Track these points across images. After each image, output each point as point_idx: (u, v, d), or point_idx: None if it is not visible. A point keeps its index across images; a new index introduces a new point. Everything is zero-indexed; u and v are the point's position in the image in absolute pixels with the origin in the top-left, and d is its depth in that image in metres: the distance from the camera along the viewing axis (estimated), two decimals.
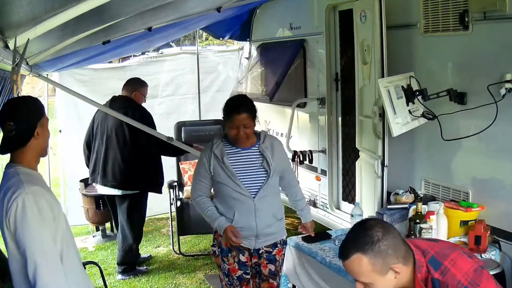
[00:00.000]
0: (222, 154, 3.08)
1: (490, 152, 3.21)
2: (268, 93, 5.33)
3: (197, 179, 3.17)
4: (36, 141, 2.10)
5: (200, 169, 3.16)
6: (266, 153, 3.10)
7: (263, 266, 3.20)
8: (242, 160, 3.11)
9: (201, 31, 8.20)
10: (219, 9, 4.50)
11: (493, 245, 3.07)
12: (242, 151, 3.12)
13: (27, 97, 2.25)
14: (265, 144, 3.14)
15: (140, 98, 4.80)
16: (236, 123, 3.00)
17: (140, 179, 4.70)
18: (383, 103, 3.35)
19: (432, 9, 3.41)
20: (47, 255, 1.98)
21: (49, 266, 1.97)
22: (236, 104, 3.05)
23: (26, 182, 2.03)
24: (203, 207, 3.15)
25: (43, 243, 1.98)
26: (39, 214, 1.99)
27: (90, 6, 2.06)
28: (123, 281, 4.78)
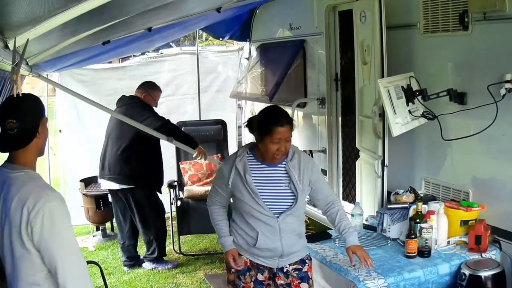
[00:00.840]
0: (245, 169, 2.78)
1: (490, 152, 3.21)
2: (268, 93, 5.32)
3: (216, 187, 2.93)
4: (37, 140, 2.05)
5: (219, 180, 2.90)
6: (292, 172, 2.78)
7: (295, 286, 2.84)
8: (266, 178, 2.81)
9: (201, 31, 8.20)
10: (219, 10, 4.50)
11: (494, 244, 3.08)
12: (267, 168, 2.81)
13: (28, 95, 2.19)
14: (293, 162, 2.81)
15: (149, 100, 4.85)
16: (278, 137, 2.67)
17: (137, 175, 4.75)
18: (383, 103, 3.35)
19: (432, 9, 3.41)
20: (79, 259, 1.99)
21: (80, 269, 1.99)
22: (277, 116, 2.72)
23: (46, 188, 1.99)
24: (215, 218, 2.93)
25: (75, 251, 1.98)
26: (66, 220, 1.97)
27: (90, 6, 2.06)
28: (124, 281, 4.78)
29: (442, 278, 2.91)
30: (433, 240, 3.04)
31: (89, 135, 6.15)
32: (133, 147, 4.72)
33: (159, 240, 5.01)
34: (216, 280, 4.66)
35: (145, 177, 4.80)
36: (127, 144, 4.73)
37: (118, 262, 5.23)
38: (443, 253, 3.06)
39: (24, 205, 1.92)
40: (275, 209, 2.78)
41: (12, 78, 2.46)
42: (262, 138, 2.72)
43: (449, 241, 3.15)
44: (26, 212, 1.91)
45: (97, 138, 6.14)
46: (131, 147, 4.72)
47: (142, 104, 4.79)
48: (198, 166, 5.68)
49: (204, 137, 5.84)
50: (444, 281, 2.92)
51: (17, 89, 2.57)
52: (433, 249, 3.04)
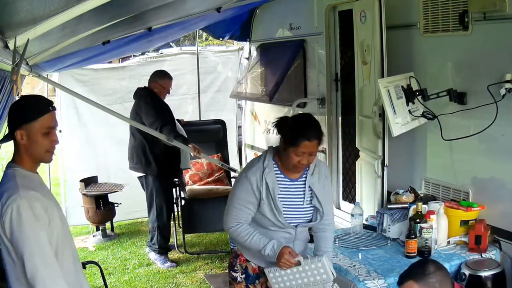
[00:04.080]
0: (274, 186, 2.62)
1: (490, 152, 3.21)
2: (268, 93, 5.32)
3: (241, 205, 2.65)
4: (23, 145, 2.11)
5: (245, 194, 2.65)
6: (315, 188, 2.69)
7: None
8: (290, 195, 2.69)
9: (201, 31, 8.21)
10: (219, 9, 4.50)
11: (494, 244, 3.07)
12: (290, 183, 2.69)
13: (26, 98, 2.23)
14: (314, 177, 2.70)
15: (158, 89, 4.97)
16: (302, 150, 2.55)
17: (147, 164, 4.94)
18: (383, 103, 3.35)
19: (432, 9, 3.41)
20: (45, 257, 2.00)
21: (49, 268, 2.00)
22: (307, 128, 2.57)
23: (22, 186, 2.04)
24: (246, 234, 2.65)
25: (40, 246, 2.00)
26: (34, 217, 2.01)
27: (90, 6, 2.06)
28: (124, 281, 4.78)
29: None
30: (433, 240, 3.04)
31: (89, 135, 6.15)
32: (145, 138, 4.91)
33: (161, 230, 5.08)
34: (216, 280, 4.66)
35: (156, 166, 4.94)
36: (140, 136, 4.93)
37: (118, 262, 5.23)
38: (443, 253, 3.06)
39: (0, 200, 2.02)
40: (294, 222, 2.71)
41: (12, 78, 2.45)
42: (287, 147, 2.59)
43: (449, 241, 3.15)
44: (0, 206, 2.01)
45: (97, 138, 6.18)
46: (143, 138, 4.92)
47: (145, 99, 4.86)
48: (199, 166, 5.70)
49: (204, 137, 5.85)
50: None
51: (17, 89, 2.58)
52: (433, 249, 3.04)
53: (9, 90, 3.02)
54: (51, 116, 2.13)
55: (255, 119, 6.22)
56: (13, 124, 2.11)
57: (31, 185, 2.09)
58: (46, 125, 2.11)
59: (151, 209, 5.08)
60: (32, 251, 1.98)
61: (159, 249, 5.11)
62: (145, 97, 4.89)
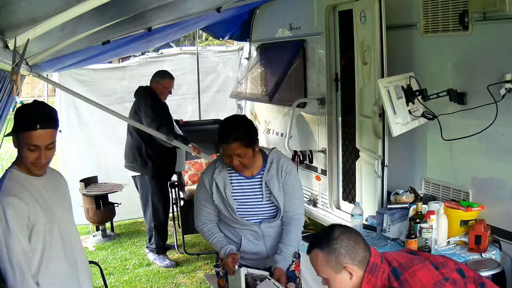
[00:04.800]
0: (225, 184, 2.72)
1: (490, 152, 3.21)
2: (268, 93, 5.33)
3: (201, 205, 2.81)
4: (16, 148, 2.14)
5: (202, 194, 2.80)
6: (271, 184, 2.71)
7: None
8: (245, 192, 2.75)
9: (201, 31, 8.21)
10: (219, 9, 4.50)
11: (494, 244, 3.08)
12: (246, 181, 2.76)
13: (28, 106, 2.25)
14: (270, 173, 2.73)
15: (159, 89, 4.94)
16: (226, 152, 2.65)
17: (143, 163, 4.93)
18: (383, 103, 3.35)
19: (432, 9, 3.41)
20: (13, 264, 2.03)
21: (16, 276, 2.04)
22: (225, 131, 2.65)
23: (4, 189, 2.08)
24: (208, 235, 2.80)
25: (9, 253, 2.03)
26: (6, 224, 2.03)
27: (90, 6, 2.06)
28: (124, 281, 4.78)
29: None
30: (433, 240, 3.04)
31: (89, 135, 6.15)
32: (141, 138, 4.89)
33: (158, 230, 5.08)
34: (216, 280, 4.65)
35: (152, 166, 4.92)
36: (136, 135, 4.92)
37: (118, 262, 5.23)
38: (443, 253, 3.06)
39: None
40: (256, 219, 2.76)
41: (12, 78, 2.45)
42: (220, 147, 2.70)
43: (449, 241, 3.15)
44: None
45: (97, 138, 6.18)
46: (139, 138, 4.91)
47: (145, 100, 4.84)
48: (198, 166, 5.70)
49: (204, 137, 5.84)
50: None
51: (17, 89, 2.57)
52: (433, 249, 3.04)
53: (9, 90, 3.02)
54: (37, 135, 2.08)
55: (255, 119, 6.22)
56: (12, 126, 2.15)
57: (15, 190, 2.10)
58: (28, 141, 2.09)
59: (147, 210, 5.08)
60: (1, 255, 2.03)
61: (157, 249, 5.11)
62: (145, 97, 4.88)
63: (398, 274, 1.85)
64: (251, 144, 2.64)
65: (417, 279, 1.80)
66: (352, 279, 1.88)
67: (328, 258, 1.89)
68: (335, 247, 1.89)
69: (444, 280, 1.80)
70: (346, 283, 1.89)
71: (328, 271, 1.90)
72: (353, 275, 1.88)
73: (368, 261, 1.89)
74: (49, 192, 2.23)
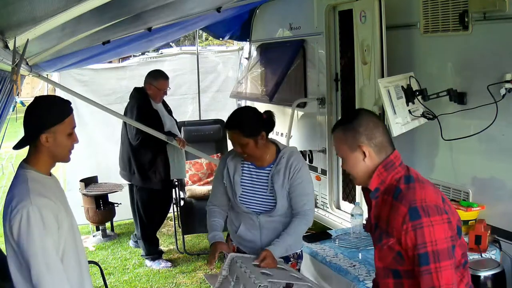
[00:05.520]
0: (236, 169, 2.86)
1: (490, 152, 3.21)
2: (268, 93, 5.33)
3: (215, 186, 3.00)
4: (46, 147, 2.10)
5: (217, 175, 2.98)
6: (276, 178, 2.78)
7: None
8: (252, 180, 2.86)
9: (201, 31, 8.21)
10: (219, 9, 4.50)
11: (494, 244, 3.07)
12: (255, 170, 2.86)
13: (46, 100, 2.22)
14: (278, 167, 2.79)
15: (152, 91, 4.76)
16: (229, 137, 2.80)
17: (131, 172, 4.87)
18: (383, 103, 3.35)
19: (432, 9, 3.41)
20: (50, 268, 2.01)
21: (53, 275, 2.01)
22: (229, 118, 2.80)
23: (33, 192, 2.04)
24: (208, 216, 2.96)
25: (46, 255, 2.01)
26: (43, 227, 2.01)
27: (90, 6, 2.06)
28: (124, 281, 4.78)
29: None
30: None
31: (89, 135, 6.14)
32: (130, 146, 4.81)
33: (146, 240, 5.06)
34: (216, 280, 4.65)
35: (139, 177, 4.84)
36: (127, 144, 4.85)
37: (118, 262, 5.23)
38: None
39: (10, 203, 2.03)
40: (256, 209, 2.85)
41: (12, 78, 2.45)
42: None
43: None
44: (9, 209, 2.02)
45: (97, 138, 6.18)
46: (129, 146, 4.83)
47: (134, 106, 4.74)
48: (198, 166, 5.69)
49: (204, 137, 5.85)
50: None
51: (17, 89, 2.57)
52: None
53: (9, 90, 3.02)
54: (73, 118, 2.17)
55: None
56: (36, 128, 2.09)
57: (43, 191, 2.09)
58: (71, 125, 2.14)
59: (136, 220, 5.06)
60: (37, 258, 1.99)
61: (150, 256, 5.10)
62: (134, 103, 4.74)
63: (411, 180, 1.88)
64: (251, 135, 2.71)
65: (422, 192, 1.82)
66: (366, 161, 1.91)
67: (346, 135, 1.93)
68: (354, 125, 1.92)
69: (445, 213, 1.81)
70: (359, 163, 1.92)
71: (345, 149, 1.94)
72: (367, 155, 1.90)
73: (387, 156, 1.92)
74: (59, 192, 2.25)
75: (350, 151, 1.92)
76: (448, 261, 1.76)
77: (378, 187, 1.91)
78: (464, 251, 1.90)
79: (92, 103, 4.98)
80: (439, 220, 1.77)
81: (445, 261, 1.75)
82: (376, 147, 1.91)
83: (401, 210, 1.80)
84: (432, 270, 1.75)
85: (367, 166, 1.91)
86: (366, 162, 1.91)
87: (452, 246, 1.79)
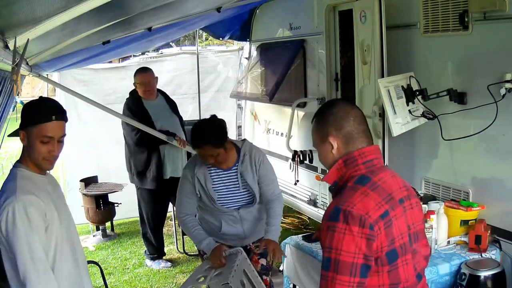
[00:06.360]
0: (206, 178, 3.03)
1: (490, 152, 3.21)
2: (268, 93, 5.32)
3: (185, 196, 3.11)
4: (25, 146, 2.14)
5: (186, 187, 3.10)
6: (245, 175, 3.05)
7: (255, 261, 3.17)
8: (224, 182, 3.08)
9: (201, 31, 8.20)
10: (219, 9, 4.50)
11: (494, 244, 3.07)
12: (223, 172, 3.08)
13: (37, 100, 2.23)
14: (244, 164, 3.06)
15: (138, 88, 4.78)
16: (200, 154, 2.97)
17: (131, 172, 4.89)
18: (383, 103, 3.35)
19: (432, 9, 3.41)
20: (36, 262, 2.02)
21: (39, 274, 2.02)
22: (195, 137, 2.95)
23: (20, 189, 2.06)
24: (190, 226, 3.09)
25: (32, 251, 2.02)
26: (28, 223, 2.03)
27: (90, 6, 2.06)
28: (124, 281, 4.78)
29: (442, 278, 2.91)
30: (433, 240, 3.04)
31: (89, 135, 6.15)
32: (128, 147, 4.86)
33: (147, 239, 5.06)
34: None
35: (136, 177, 4.86)
36: (126, 145, 4.89)
37: (118, 262, 5.24)
38: (443, 253, 3.06)
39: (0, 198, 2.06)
40: (235, 205, 3.09)
41: (12, 78, 2.45)
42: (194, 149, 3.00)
43: (449, 241, 3.15)
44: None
45: (97, 138, 6.18)
46: (127, 148, 4.88)
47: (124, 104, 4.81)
48: None
49: None
50: (444, 280, 2.92)
51: (17, 89, 2.58)
52: (433, 249, 3.04)
53: (9, 90, 3.02)
54: (51, 126, 2.11)
55: (255, 119, 6.23)
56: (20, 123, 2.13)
57: (31, 189, 2.10)
58: (43, 133, 2.10)
59: (140, 216, 5.10)
60: (23, 254, 2.01)
61: (151, 255, 5.10)
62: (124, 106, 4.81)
63: (361, 182, 1.74)
64: (220, 144, 2.93)
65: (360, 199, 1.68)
66: (333, 152, 1.82)
67: (317, 125, 1.88)
68: (324, 115, 1.86)
69: (370, 229, 1.64)
70: (328, 155, 1.84)
71: (317, 140, 1.88)
72: (334, 147, 1.81)
73: (353, 150, 1.80)
74: (53, 190, 2.25)
75: (321, 142, 1.85)
76: (347, 277, 1.61)
77: (337, 181, 1.82)
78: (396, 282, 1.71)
79: (92, 103, 4.98)
80: (356, 232, 1.62)
81: (344, 276, 1.62)
82: (344, 138, 1.81)
83: (329, 207, 1.72)
84: (328, 278, 1.65)
85: (335, 158, 1.82)
86: (334, 154, 1.82)
87: (363, 264, 1.62)
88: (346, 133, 1.81)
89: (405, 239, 1.74)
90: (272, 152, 5.57)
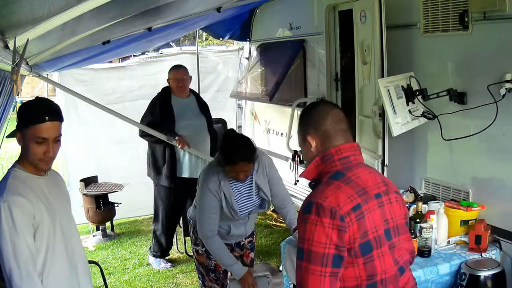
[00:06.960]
0: (230, 194, 3.07)
1: (490, 152, 3.21)
2: (268, 93, 5.33)
3: (211, 213, 3.08)
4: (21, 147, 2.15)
5: (211, 203, 3.07)
6: (261, 185, 3.15)
7: (246, 256, 3.39)
8: (242, 193, 3.16)
9: (201, 31, 8.21)
10: (219, 9, 4.50)
11: (494, 244, 3.07)
12: (242, 184, 3.15)
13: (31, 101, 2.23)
14: (258, 173, 3.13)
15: (170, 84, 4.86)
16: (233, 170, 2.98)
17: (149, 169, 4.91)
18: (383, 103, 3.35)
19: (432, 9, 3.41)
20: (20, 265, 2.02)
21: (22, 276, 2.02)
22: (232, 155, 2.94)
23: (9, 189, 2.07)
24: (217, 247, 3.11)
25: (15, 252, 2.02)
26: (12, 223, 2.02)
27: (90, 6, 2.06)
28: (124, 281, 4.78)
29: (442, 278, 2.91)
30: (433, 240, 3.04)
31: (89, 135, 6.15)
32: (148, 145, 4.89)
33: (156, 236, 5.05)
34: None
35: (153, 173, 4.86)
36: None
37: (118, 262, 5.23)
38: (443, 252, 3.06)
39: None
40: (247, 212, 3.20)
41: (12, 78, 2.45)
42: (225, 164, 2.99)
43: (449, 241, 3.15)
44: None
45: (97, 138, 6.18)
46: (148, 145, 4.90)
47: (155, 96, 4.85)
48: None
49: None
50: (444, 280, 2.91)
51: (17, 89, 2.58)
52: (433, 249, 3.04)
53: (9, 90, 3.02)
54: (45, 127, 2.11)
55: (255, 119, 6.23)
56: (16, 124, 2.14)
57: (21, 189, 2.09)
58: (37, 135, 2.10)
59: (154, 214, 5.10)
60: (8, 254, 2.02)
61: (154, 253, 5.10)
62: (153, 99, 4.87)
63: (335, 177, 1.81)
64: (254, 159, 3.01)
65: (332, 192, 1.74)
66: (312, 150, 1.90)
67: (300, 125, 1.97)
68: (305, 115, 1.95)
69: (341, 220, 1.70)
70: (309, 153, 1.93)
71: (300, 139, 1.97)
72: (313, 145, 1.89)
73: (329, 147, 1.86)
74: (51, 191, 2.24)
75: (302, 141, 1.95)
76: (319, 267, 1.68)
77: (317, 178, 1.88)
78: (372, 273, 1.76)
79: (92, 103, 4.98)
80: (326, 223, 1.69)
81: (316, 266, 1.68)
82: (321, 137, 1.88)
83: (305, 201, 1.79)
84: (302, 268, 1.72)
85: (314, 155, 1.90)
86: (313, 152, 1.90)
87: (335, 255, 1.69)
88: (324, 132, 1.89)
89: (380, 231, 1.79)
90: (272, 152, 5.57)
